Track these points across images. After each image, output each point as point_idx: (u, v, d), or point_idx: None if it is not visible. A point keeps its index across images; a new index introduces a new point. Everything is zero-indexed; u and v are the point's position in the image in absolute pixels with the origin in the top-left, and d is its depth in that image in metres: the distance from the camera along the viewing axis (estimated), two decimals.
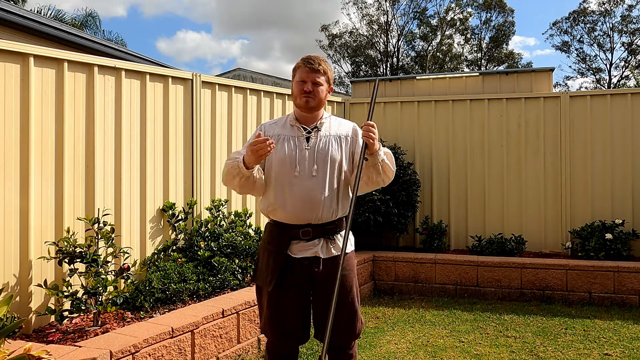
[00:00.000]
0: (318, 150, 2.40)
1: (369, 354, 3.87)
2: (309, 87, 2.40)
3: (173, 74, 4.45)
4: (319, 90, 2.42)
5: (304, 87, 2.41)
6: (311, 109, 2.44)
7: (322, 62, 2.45)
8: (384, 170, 2.42)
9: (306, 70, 2.42)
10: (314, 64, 2.42)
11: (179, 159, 4.43)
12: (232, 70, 15.94)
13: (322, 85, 2.43)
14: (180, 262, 4.07)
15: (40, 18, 7.69)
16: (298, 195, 2.33)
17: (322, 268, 2.37)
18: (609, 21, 32.22)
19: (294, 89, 2.47)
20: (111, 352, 2.72)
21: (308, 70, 2.42)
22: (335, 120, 2.54)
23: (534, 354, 3.88)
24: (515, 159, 6.33)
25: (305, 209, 2.34)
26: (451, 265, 5.71)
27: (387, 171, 2.44)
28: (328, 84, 2.48)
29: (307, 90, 2.40)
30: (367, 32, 34.90)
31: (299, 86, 2.43)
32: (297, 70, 2.47)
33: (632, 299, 5.23)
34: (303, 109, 2.44)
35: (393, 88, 7.26)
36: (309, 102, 2.41)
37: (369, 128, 2.28)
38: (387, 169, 2.43)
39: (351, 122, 2.58)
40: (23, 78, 3.28)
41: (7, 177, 3.18)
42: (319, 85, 2.42)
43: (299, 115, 2.49)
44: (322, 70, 2.43)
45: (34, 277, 3.28)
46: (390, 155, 2.48)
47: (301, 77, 2.43)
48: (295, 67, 2.49)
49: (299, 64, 2.46)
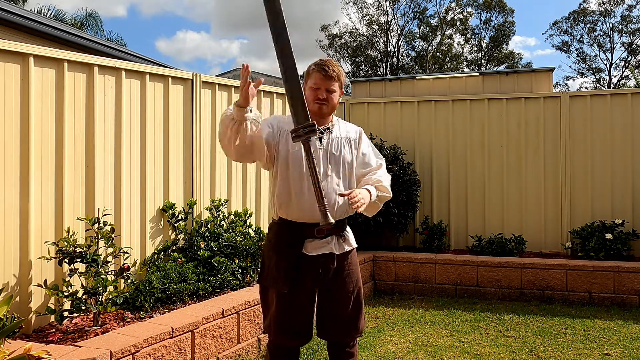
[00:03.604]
0: (331, 150, 2.45)
1: (369, 354, 3.87)
2: (323, 95, 2.41)
3: (173, 74, 4.45)
4: (332, 97, 2.44)
5: (318, 94, 2.41)
6: (324, 115, 2.46)
7: (336, 67, 2.45)
8: (381, 202, 2.55)
9: (320, 77, 2.41)
10: (328, 70, 2.40)
11: (179, 159, 4.43)
12: (232, 70, 15.95)
13: (335, 92, 2.45)
14: (180, 262, 4.07)
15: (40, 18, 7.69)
16: (314, 194, 2.32)
17: (337, 264, 2.44)
18: (609, 21, 32.25)
19: (307, 94, 2.43)
20: (111, 352, 2.72)
21: (323, 77, 2.40)
22: (343, 123, 2.59)
23: (534, 354, 3.88)
24: (515, 159, 6.33)
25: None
26: (451, 265, 5.71)
27: (385, 199, 2.56)
28: (340, 89, 2.50)
29: (321, 98, 2.41)
30: (367, 32, 34.93)
31: (313, 92, 2.42)
32: (310, 75, 2.46)
33: (632, 299, 5.23)
34: (316, 114, 2.43)
35: (393, 88, 7.26)
36: (322, 109, 2.43)
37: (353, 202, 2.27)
38: (384, 198, 2.55)
39: (356, 126, 2.65)
40: (23, 78, 3.28)
41: (7, 177, 3.18)
42: (333, 92, 2.44)
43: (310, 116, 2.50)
44: (336, 76, 2.43)
45: (34, 277, 3.28)
46: (383, 183, 2.54)
47: (315, 83, 2.42)
48: (309, 71, 2.48)
49: (312, 67, 2.45)
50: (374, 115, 6.77)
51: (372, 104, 6.80)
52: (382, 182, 2.52)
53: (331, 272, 2.43)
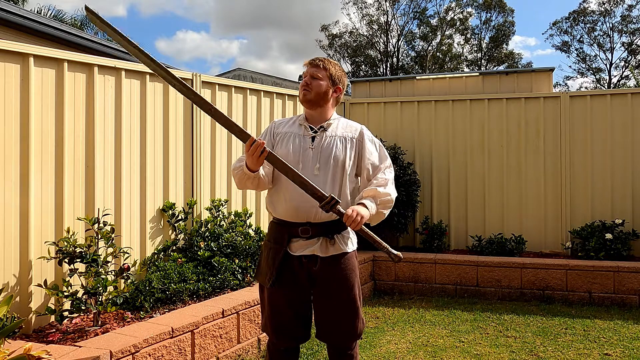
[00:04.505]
0: (322, 149, 2.41)
1: (369, 354, 3.87)
2: (307, 81, 2.46)
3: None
4: (316, 83, 2.44)
5: (304, 81, 2.48)
6: (310, 102, 2.45)
7: (326, 61, 2.49)
8: (385, 209, 2.44)
9: (307, 66, 2.51)
10: (315, 60, 2.49)
11: (179, 159, 4.43)
12: (232, 70, 15.93)
13: (321, 80, 2.45)
14: (180, 262, 4.07)
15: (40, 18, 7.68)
16: (299, 192, 2.33)
17: (321, 267, 2.38)
18: (609, 21, 32.25)
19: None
20: (111, 352, 2.72)
21: (309, 65, 2.50)
22: (343, 122, 2.55)
23: (534, 354, 3.88)
24: (515, 159, 6.33)
25: (304, 207, 2.35)
26: (451, 265, 5.71)
27: (388, 209, 2.46)
28: (331, 82, 2.47)
29: (303, 84, 2.46)
30: (367, 32, 34.93)
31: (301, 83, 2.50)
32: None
33: (632, 299, 5.23)
34: (303, 102, 2.49)
35: (393, 88, 7.25)
36: (306, 95, 2.45)
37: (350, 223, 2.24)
38: (387, 203, 2.43)
39: (359, 125, 2.56)
40: (23, 78, 3.28)
41: (7, 177, 3.18)
42: (318, 79, 2.45)
43: (308, 115, 2.52)
44: (323, 66, 2.47)
45: (34, 277, 3.28)
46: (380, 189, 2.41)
47: (304, 73, 2.52)
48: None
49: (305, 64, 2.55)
50: (374, 115, 6.77)
51: (372, 104, 6.80)
52: (380, 189, 2.39)
53: (318, 275, 2.38)
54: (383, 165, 2.50)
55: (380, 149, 2.55)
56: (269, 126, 2.60)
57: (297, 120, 2.54)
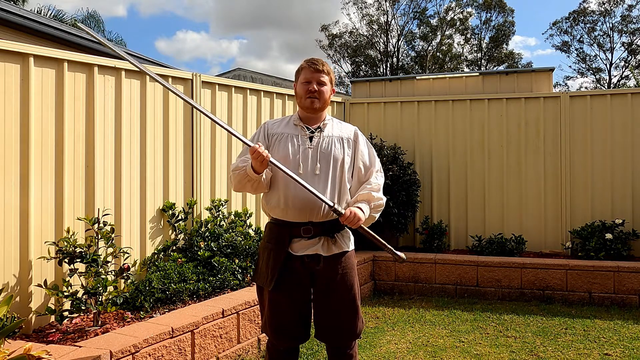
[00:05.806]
0: (321, 149, 2.43)
1: (369, 354, 3.87)
2: (314, 87, 2.44)
3: (173, 74, 4.46)
4: (323, 90, 2.46)
5: (309, 87, 2.44)
6: (316, 109, 2.47)
7: (325, 64, 2.51)
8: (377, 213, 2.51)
9: (310, 71, 2.46)
10: (317, 64, 2.47)
11: (179, 159, 4.43)
12: (232, 70, 15.93)
13: (326, 86, 2.47)
14: (180, 262, 4.07)
15: (40, 18, 7.68)
16: (300, 193, 2.34)
17: (323, 266, 2.39)
18: (609, 21, 32.24)
19: (298, 90, 2.50)
20: (111, 352, 2.72)
21: (312, 70, 2.46)
22: (337, 123, 2.58)
23: (534, 354, 3.88)
24: (515, 159, 6.33)
25: (307, 207, 2.36)
26: (451, 265, 5.71)
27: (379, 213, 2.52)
28: (331, 85, 2.51)
29: (312, 90, 2.43)
30: (367, 32, 34.92)
31: (304, 87, 2.46)
32: (301, 72, 2.51)
33: (632, 299, 5.23)
34: (309, 109, 2.46)
35: (393, 88, 7.25)
36: (314, 103, 2.44)
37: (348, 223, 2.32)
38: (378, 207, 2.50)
39: (352, 126, 2.61)
40: (23, 78, 3.28)
41: (7, 177, 3.18)
42: (324, 85, 2.46)
43: (302, 116, 2.52)
44: (326, 70, 2.48)
45: (34, 277, 3.28)
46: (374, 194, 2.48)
47: (306, 77, 2.47)
48: (299, 69, 2.53)
49: (302, 65, 2.51)
50: (373, 115, 6.77)
51: (372, 104, 6.80)
52: (374, 194, 2.47)
53: (319, 274, 2.40)
54: (374, 169, 2.56)
55: (371, 151, 2.61)
56: (260, 127, 2.57)
57: (290, 121, 2.54)
